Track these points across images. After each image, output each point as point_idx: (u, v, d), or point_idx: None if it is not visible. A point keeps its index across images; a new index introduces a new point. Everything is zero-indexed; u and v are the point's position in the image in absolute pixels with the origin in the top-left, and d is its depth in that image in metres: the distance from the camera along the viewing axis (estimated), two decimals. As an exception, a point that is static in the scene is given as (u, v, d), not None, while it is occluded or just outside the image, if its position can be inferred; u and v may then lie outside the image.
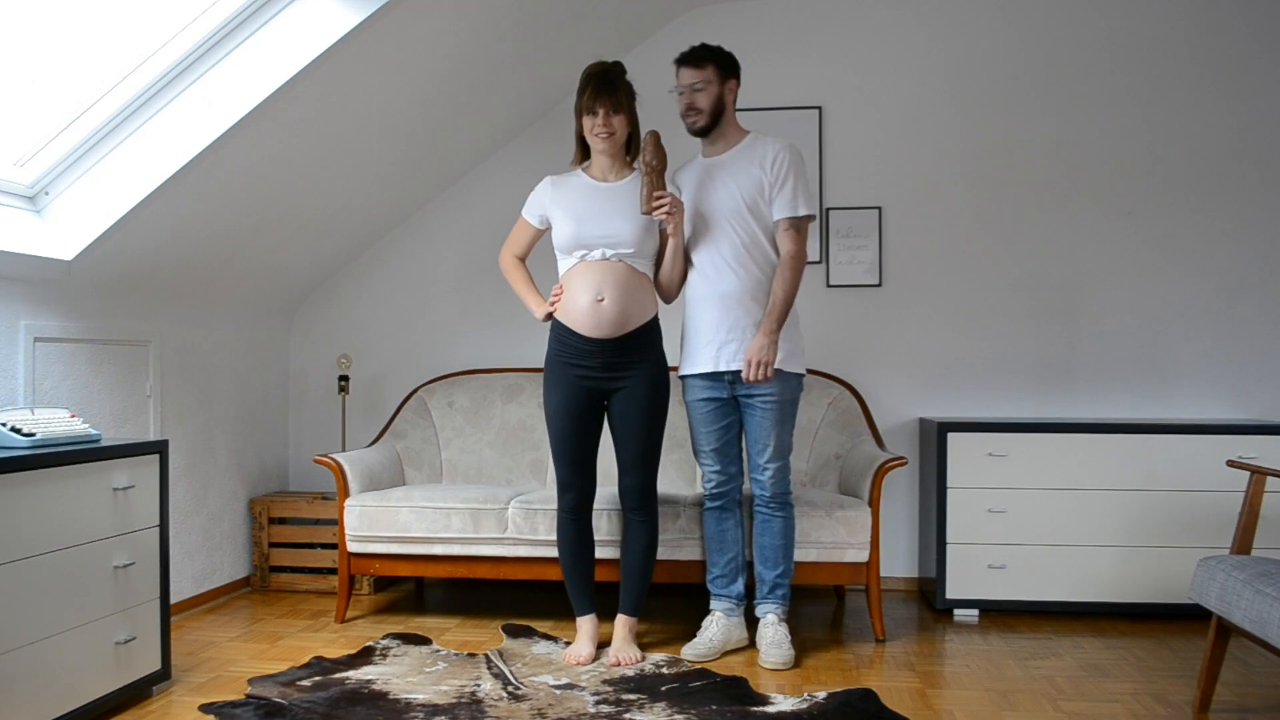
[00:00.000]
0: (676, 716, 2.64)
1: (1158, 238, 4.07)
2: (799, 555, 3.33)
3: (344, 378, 4.24)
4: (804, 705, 2.73)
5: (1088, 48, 4.08)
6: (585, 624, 3.20)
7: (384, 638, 3.34)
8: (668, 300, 3.23)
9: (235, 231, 3.63)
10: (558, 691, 2.84)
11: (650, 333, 3.12)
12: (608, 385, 3.09)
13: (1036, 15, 4.10)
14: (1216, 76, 4.02)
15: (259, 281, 4.09)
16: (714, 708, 2.71)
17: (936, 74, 4.16)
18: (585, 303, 3.03)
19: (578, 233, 3.07)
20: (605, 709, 2.69)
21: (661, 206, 2.98)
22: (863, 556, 3.36)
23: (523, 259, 3.31)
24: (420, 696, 2.75)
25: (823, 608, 3.87)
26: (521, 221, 3.26)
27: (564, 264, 3.14)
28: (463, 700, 2.74)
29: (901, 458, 3.40)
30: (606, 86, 3.04)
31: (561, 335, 3.11)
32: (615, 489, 3.22)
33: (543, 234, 3.26)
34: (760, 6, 4.24)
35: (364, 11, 2.94)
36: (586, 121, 3.08)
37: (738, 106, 3.24)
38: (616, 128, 3.07)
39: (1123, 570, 3.62)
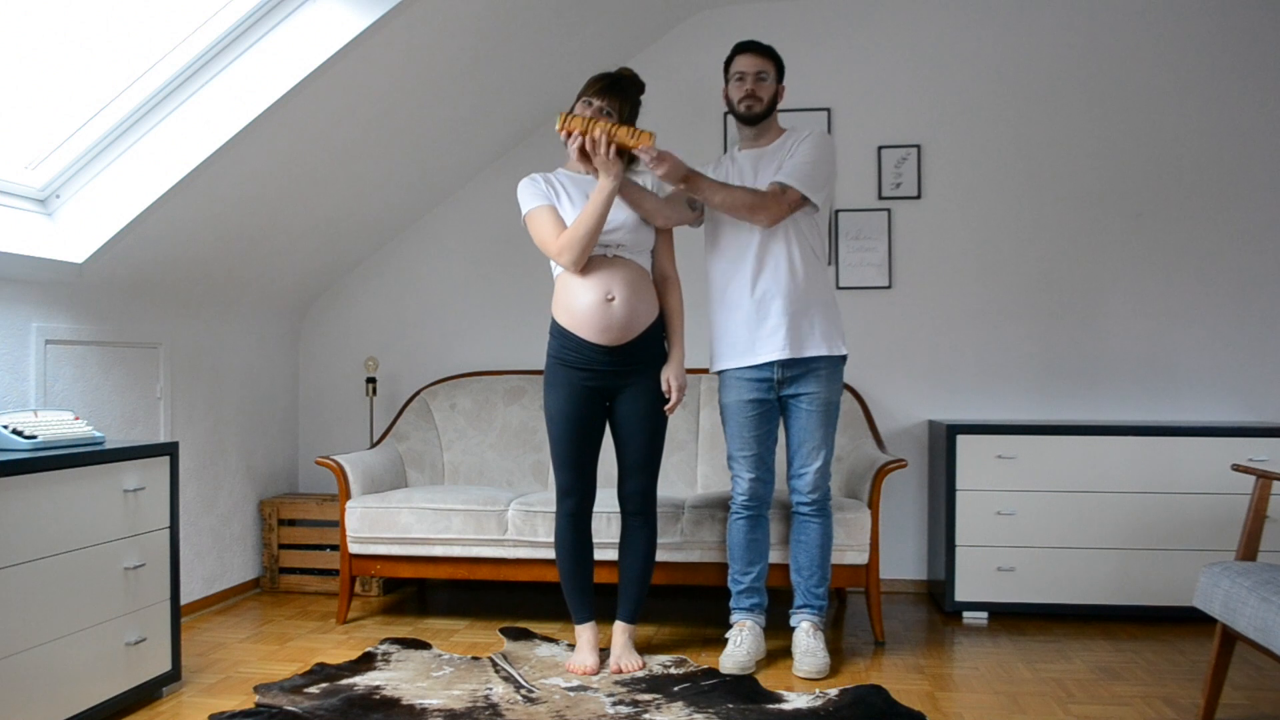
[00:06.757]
0: (696, 715, 2.65)
1: (1167, 240, 4.05)
2: None
3: (371, 379, 4.26)
4: (818, 702, 2.75)
5: (1096, 50, 4.07)
6: (585, 632, 3.11)
7: (382, 642, 3.31)
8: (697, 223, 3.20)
9: (245, 234, 3.65)
10: (571, 694, 2.84)
11: (655, 333, 3.05)
12: (612, 387, 3.03)
13: (1045, 18, 4.09)
14: (1227, 78, 4.00)
15: (268, 284, 4.11)
16: (730, 706, 2.72)
17: (945, 77, 4.15)
18: (591, 301, 2.92)
19: None
20: (623, 710, 2.70)
21: (647, 142, 2.85)
22: (862, 559, 3.35)
23: None
24: (434, 702, 2.75)
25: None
26: (542, 210, 3.00)
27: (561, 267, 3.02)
28: (478, 704, 2.73)
29: (901, 460, 3.38)
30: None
31: (563, 340, 3.01)
32: (613, 492, 3.18)
33: None
34: (769, 8, 4.23)
35: (371, 16, 2.95)
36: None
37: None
38: None
39: (1132, 573, 3.60)
